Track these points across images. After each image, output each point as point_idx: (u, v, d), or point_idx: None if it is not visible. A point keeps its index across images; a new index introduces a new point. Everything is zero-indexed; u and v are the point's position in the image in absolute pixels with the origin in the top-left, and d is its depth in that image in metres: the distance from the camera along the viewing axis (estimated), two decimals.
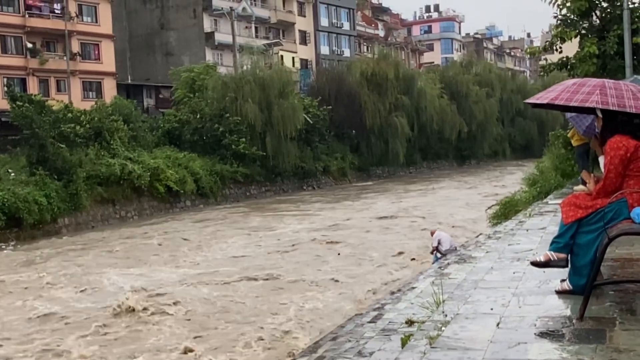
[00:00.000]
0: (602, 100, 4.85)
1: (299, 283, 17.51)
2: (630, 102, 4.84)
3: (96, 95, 45.91)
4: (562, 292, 5.41)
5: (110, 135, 36.06)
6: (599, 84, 5.04)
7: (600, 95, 4.88)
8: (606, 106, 4.84)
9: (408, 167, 60.32)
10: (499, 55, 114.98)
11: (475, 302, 5.57)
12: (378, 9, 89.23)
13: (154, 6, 58.53)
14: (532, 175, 20.36)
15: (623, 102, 4.84)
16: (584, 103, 4.92)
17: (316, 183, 49.22)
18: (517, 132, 79.17)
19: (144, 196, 35.86)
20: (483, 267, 7.36)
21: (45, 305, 16.01)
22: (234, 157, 42.26)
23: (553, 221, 9.86)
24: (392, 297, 9.13)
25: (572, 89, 5.04)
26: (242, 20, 58.11)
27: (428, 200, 36.99)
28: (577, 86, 5.06)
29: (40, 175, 30.20)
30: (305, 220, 31.04)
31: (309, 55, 68.36)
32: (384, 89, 56.12)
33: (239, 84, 44.56)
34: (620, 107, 4.83)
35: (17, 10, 43.63)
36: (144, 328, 13.85)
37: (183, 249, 24.16)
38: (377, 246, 22.56)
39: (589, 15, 16.52)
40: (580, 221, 5.06)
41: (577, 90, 5.00)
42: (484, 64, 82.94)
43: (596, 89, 4.95)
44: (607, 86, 4.97)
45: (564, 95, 5.03)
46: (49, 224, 30.00)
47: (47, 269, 20.94)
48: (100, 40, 48.04)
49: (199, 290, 16.97)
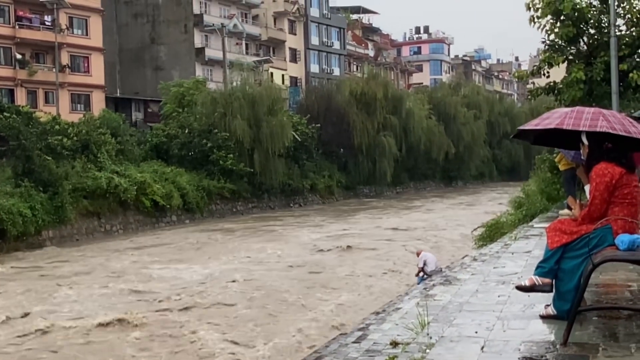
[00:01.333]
0: (609, 126, 4.90)
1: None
2: (633, 129, 4.91)
3: (84, 108, 45.80)
4: (546, 317, 5.43)
5: (97, 148, 35.93)
6: (597, 111, 5.10)
7: (606, 121, 4.93)
8: (614, 131, 4.88)
9: (395, 187, 60.44)
10: (487, 78, 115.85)
11: (460, 325, 5.58)
12: (368, 29, 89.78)
13: (145, 20, 58.59)
14: (518, 198, 20.45)
15: (626, 128, 4.90)
16: (593, 128, 4.93)
17: (303, 200, 49.19)
18: (503, 154, 79.66)
19: (130, 210, 35.68)
20: (468, 289, 7.37)
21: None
22: (221, 173, 42.20)
23: (538, 245, 9.90)
24: (376, 318, 9.11)
25: (574, 115, 5.05)
26: (232, 36, 58.29)
27: (427, 217, 37.98)
28: (577, 113, 5.08)
29: (25, 187, 29.99)
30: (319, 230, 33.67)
31: (299, 73, 68.61)
32: (373, 109, 56.35)
33: (228, 100, 44.61)
34: (626, 133, 4.88)
35: (7, 21, 43.58)
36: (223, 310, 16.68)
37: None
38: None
39: (576, 42, 16.70)
40: (565, 247, 5.09)
41: (580, 117, 5.02)
42: (472, 86, 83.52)
43: (598, 115, 4.99)
44: (605, 113, 5.03)
45: (569, 121, 5.03)
46: (33, 236, 29.75)
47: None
48: (90, 53, 48.02)
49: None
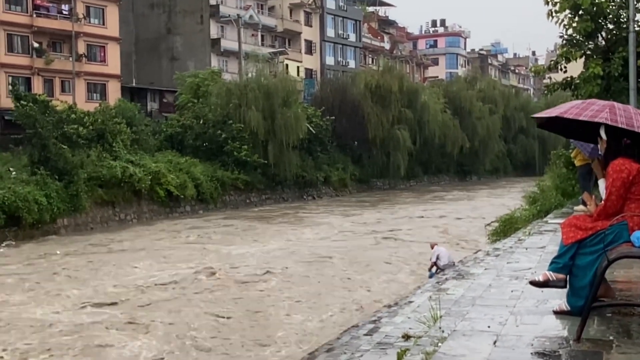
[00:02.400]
0: (611, 118, 4.87)
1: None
2: (639, 123, 4.86)
3: (100, 97, 45.98)
4: (559, 313, 5.40)
5: (112, 137, 36.10)
6: (608, 104, 5.08)
7: (609, 113, 4.90)
8: (615, 123, 4.85)
9: (409, 181, 60.32)
10: (503, 72, 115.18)
11: (472, 319, 5.57)
12: (384, 21, 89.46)
13: (161, 11, 58.70)
14: (533, 193, 20.36)
15: (632, 122, 4.86)
16: (593, 118, 4.93)
17: (316, 193, 49.20)
18: (518, 149, 79.25)
19: (144, 200, 35.86)
20: (481, 284, 7.35)
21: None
22: (236, 164, 42.29)
23: (552, 240, 9.86)
24: (388, 311, 9.12)
25: (582, 106, 5.07)
26: (248, 27, 58.27)
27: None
28: (587, 104, 5.10)
29: (41, 175, 30.21)
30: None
31: (314, 65, 68.51)
32: (388, 102, 56.19)
33: (243, 91, 44.64)
34: (629, 127, 4.84)
35: (25, 9, 43.78)
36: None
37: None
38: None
39: (594, 37, 16.56)
40: (580, 242, 5.06)
41: (587, 108, 5.03)
42: (488, 80, 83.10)
43: (605, 107, 4.98)
44: (616, 107, 5.00)
45: (572, 111, 5.05)
46: (48, 224, 29.98)
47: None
48: (107, 43, 48.18)
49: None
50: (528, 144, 78.69)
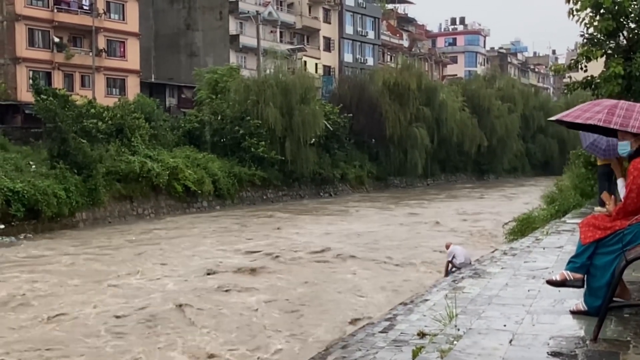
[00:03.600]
0: (605, 119, 4.86)
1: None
2: (636, 123, 4.83)
3: (119, 92, 46.31)
4: (576, 313, 5.37)
5: (131, 132, 36.32)
6: (611, 104, 5.04)
7: (606, 114, 4.88)
8: (608, 124, 4.85)
9: (426, 179, 60.14)
10: (522, 71, 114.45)
11: (488, 318, 5.55)
12: (403, 19, 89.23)
13: (180, 6, 58.93)
14: (551, 193, 20.24)
15: (628, 122, 4.84)
16: (587, 120, 4.93)
17: (333, 190, 49.19)
18: (537, 148, 78.73)
19: (162, 194, 36.05)
20: (498, 283, 7.33)
21: None
22: (253, 160, 42.38)
23: (570, 240, 9.80)
24: (404, 308, 9.12)
25: (585, 108, 5.07)
26: (267, 24, 58.36)
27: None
28: (591, 105, 5.09)
29: (60, 169, 30.48)
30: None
31: (333, 62, 68.48)
32: (406, 99, 56.05)
33: (261, 87, 44.71)
34: (622, 127, 4.83)
35: (46, 4, 44.14)
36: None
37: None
38: None
39: (616, 36, 16.38)
40: (598, 242, 5.03)
41: (588, 109, 5.02)
42: (508, 79, 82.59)
43: (605, 108, 4.95)
44: (618, 106, 4.96)
45: (574, 113, 5.06)
46: (67, 218, 30.25)
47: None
48: (127, 38, 48.48)
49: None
50: (547, 143, 78.17)
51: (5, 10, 42.49)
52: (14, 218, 27.57)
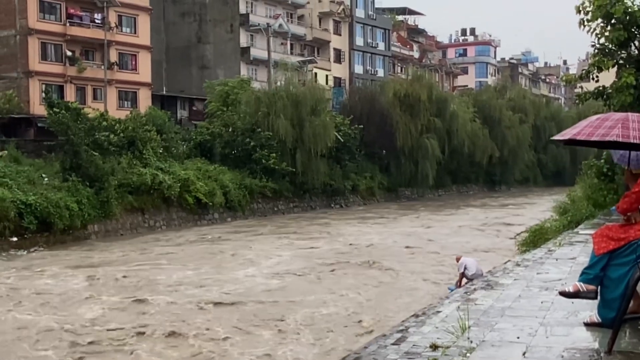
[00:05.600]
0: (622, 134, 4.82)
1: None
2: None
3: (131, 105, 46.53)
4: (590, 325, 5.34)
5: (143, 145, 36.46)
6: (622, 117, 5.00)
7: (621, 129, 4.84)
8: (627, 139, 4.81)
9: (437, 190, 59.99)
10: (533, 82, 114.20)
11: (501, 330, 5.52)
12: (414, 30, 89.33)
13: (191, 19, 59.29)
14: (563, 203, 20.14)
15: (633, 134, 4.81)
16: (604, 137, 4.88)
17: (344, 201, 49.16)
18: (549, 159, 78.39)
19: (173, 207, 36.12)
20: (510, 294, 7.29)
21: None
22: (264, 172, 42.44)
23: (583, 251, 9.74)
24: (416, 320, 9.07)
25: (595, 124, 5.02)
26: (278, 36, 58.59)
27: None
28: (600, 121, 5.03)
29: (72, 182, 30.62)
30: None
31: (343, 73, 68.61)
32: (417, 111, 56.02)
33: (272, 99, 44.84)
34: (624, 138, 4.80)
35: (59, 18, 44.53)
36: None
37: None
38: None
39: (627, 46, 16.35)
40: (612, 253, 5.00)
41: (600, 125, 4.97)
42: (519, 89, 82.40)
43: (618, 122, 4.91)
44: (630, 119, 4.93)
45: (586, 130, 5.00)
46: (79, 230, 30.37)
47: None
48: (138, 51, 48.79)
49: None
50: (558, 153, 77.82)
51: (19, 24, 42.88)
52: (26, 231, 27.71)
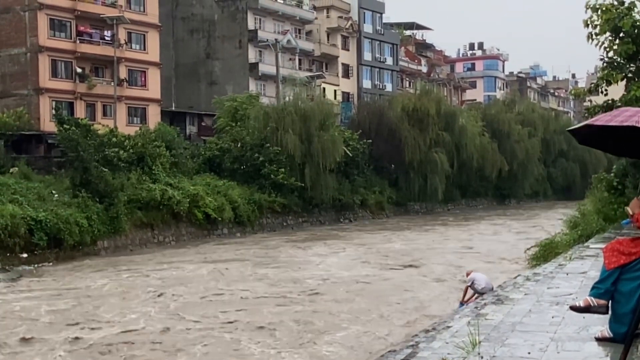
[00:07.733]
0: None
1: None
2: None
3: (140, 121, 46.74)
4: (602, 339, 5.30)
5: (152, 160, 36.57)
6: (638, 110, 5.04)
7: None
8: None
9: (446, 204, 59.83)
10: (542, 95, 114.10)
11: (512, 345, 5.49)
12: (422, 44, 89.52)
13: (200, 36, 59.68)
14: (573, 217, 20.05)
15: None
16: (622, 123, 4.88)
17: (353, 216, 49.09)
18: (558, 172, 78.15)
19: (182, 222, 36.16)
20: (521, 309, 7.25)
21: None
22: (273, 187, 42.46)
23: (594, 266, 9.68)
24: (426, 336, 9.02)
25: (613, 114, 5.06)
26: (286, 52, 58.82)
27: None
28: (619, 112, 5.12)
29: (82, 198, 30.72)
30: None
31: (351, 88, 68.77)
32: (425, 125, 56.02)
33: (280, 114, 44.93)
34: None
35: (69, 36, 44.89)
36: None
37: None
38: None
39: (636, 59, 16.35)
40: (623, 268, 4.97)
41: (618, 115, 5.01)
42: (527, 103, 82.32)
43: (637, 112, 4.93)
44: None
45: (603, 118, 5.02)
46: (89, 246, 30.41)
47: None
48: (147, 68, 49.08)
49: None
50: (568, 167, 77.59)
51: (29, 42, 43.26)
52: (36, 247, 27.80)
